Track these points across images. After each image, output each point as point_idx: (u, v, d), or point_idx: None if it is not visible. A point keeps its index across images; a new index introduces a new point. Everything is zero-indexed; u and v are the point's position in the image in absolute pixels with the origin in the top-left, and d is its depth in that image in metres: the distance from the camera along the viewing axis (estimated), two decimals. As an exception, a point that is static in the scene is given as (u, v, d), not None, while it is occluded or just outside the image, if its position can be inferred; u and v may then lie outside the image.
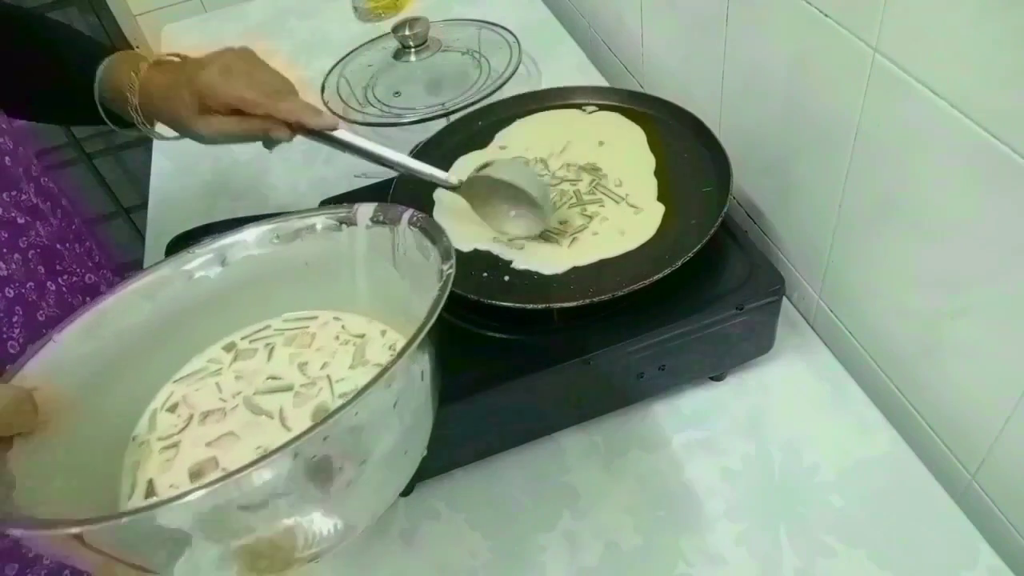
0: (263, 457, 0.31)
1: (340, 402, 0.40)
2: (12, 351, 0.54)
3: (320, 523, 0.37)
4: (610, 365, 0.59)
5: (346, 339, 0.49)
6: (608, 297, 0.56)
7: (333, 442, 0.35)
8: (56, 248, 0.61)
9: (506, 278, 0.61)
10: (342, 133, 0.59)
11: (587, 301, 0.56)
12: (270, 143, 0.61)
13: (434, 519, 0.62)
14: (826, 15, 0.54)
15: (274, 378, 0.47)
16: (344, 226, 0.51)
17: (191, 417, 0.45)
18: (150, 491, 0.42)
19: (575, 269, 0.60)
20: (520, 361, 0.58)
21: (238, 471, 0.31)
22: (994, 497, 0.56)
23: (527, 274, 0.61)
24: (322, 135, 0.59)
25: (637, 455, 0.63)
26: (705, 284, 0.60)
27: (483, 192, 0.62)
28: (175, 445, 0.44)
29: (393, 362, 0.35)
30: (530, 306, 0.57)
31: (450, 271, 0.42)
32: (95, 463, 0.42)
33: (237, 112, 0.59)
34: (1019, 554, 0.54)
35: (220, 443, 0.43)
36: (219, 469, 0.42)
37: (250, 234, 0.52)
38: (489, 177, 0.60)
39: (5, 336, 0.54)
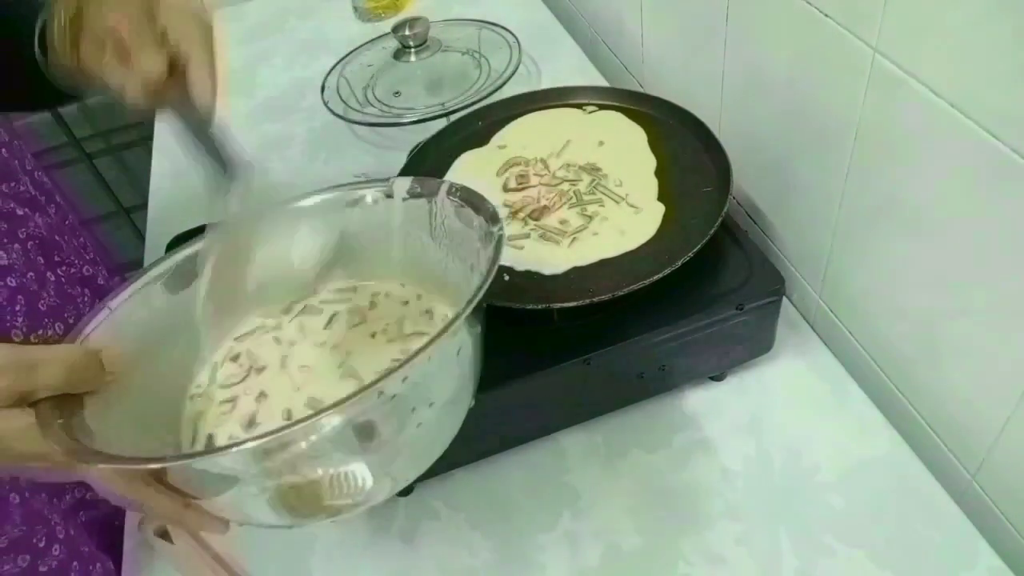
0: (353, 395, 0.33)
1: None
2: (16, 340, 0.55)
3: (375, 470, 0.39)
4: (610, 365, 0.59)
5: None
6: (608, 297, 0.56)
7: (410, 385, 0.37)
8: (55, 239, 0.62)
9: (506, 278, 0.60)
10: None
11: (587, 301, 0.56)
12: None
13: (434, 519, 0.62)
14: (826, 15, 0.54)
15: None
16: (381, 199, 0.52)
17: (250, 368, 0.47)
18: (210, 442, 0.44)
19: (575, 269, 0.60)
20: (520, 361, 0.57)
21: (325, 409, 0.32)
22: (994, 497, 0.56)
23: (527, 274, 0.61)
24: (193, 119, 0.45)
25: (637, 455, 0.63)
26: (705, 284, 0.60)
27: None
28: (232, 399, 0.46)
29: (459, 315, 0.37)
30: (530, 306, 0.57)
31: (500, 232, 0.43)
32: (157, 417, 0.45)
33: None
34: (1019, 554, 0.54)
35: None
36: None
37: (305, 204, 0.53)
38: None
39: (9, 325, 0.55)
